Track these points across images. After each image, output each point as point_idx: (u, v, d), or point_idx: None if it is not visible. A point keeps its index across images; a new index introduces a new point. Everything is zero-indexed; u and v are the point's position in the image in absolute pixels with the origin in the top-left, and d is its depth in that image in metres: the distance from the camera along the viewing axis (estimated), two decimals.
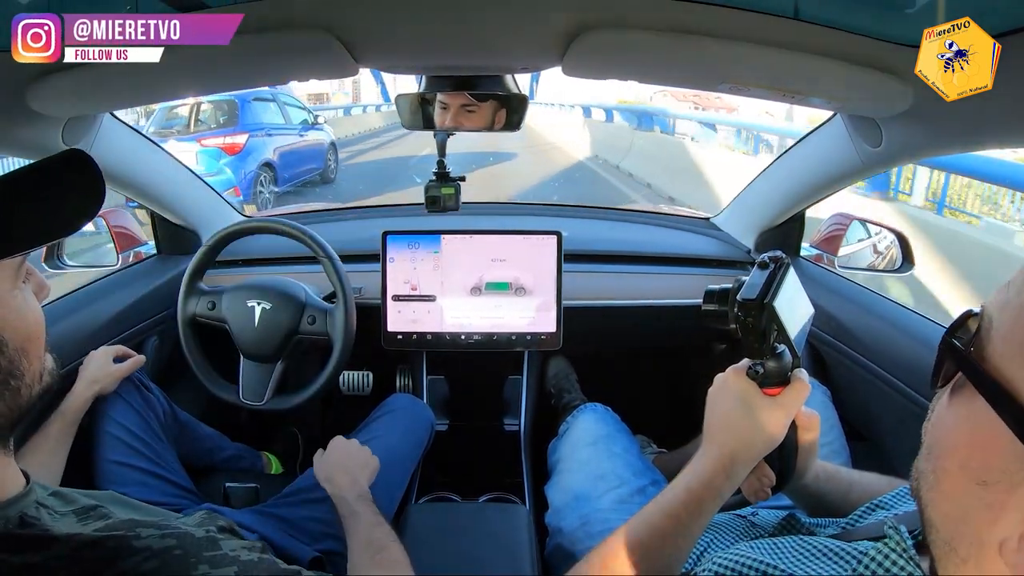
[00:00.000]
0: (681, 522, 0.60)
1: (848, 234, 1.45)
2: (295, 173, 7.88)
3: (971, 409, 0.38)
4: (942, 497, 0.40)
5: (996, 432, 0.35)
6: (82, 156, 0.52)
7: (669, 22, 0.75)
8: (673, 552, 0.60)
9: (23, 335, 0.50)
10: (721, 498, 0.62)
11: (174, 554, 0.50)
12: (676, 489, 0.62)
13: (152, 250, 1.55)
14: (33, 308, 0.52)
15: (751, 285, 0.61)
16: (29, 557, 0.46)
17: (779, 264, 0.62)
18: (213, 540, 0.53)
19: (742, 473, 0.63)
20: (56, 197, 0.51)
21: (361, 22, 0.78)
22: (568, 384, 1.66)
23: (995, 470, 0.36)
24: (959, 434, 0.39)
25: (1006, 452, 0.35)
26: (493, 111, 1.16)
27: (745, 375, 0.63)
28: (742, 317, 0.60)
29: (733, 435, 0.63)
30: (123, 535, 0.50)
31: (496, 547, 1.05)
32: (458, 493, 1.25)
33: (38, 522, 0.49)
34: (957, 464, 0.39)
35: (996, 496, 0.36)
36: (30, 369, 0.50)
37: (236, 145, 6.75)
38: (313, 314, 1.26)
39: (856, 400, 1.26)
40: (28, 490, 0.51)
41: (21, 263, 0.50)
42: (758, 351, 0.61)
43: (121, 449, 1.07)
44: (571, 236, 1.39)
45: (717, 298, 0.65)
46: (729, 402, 0.64)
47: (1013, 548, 0.35)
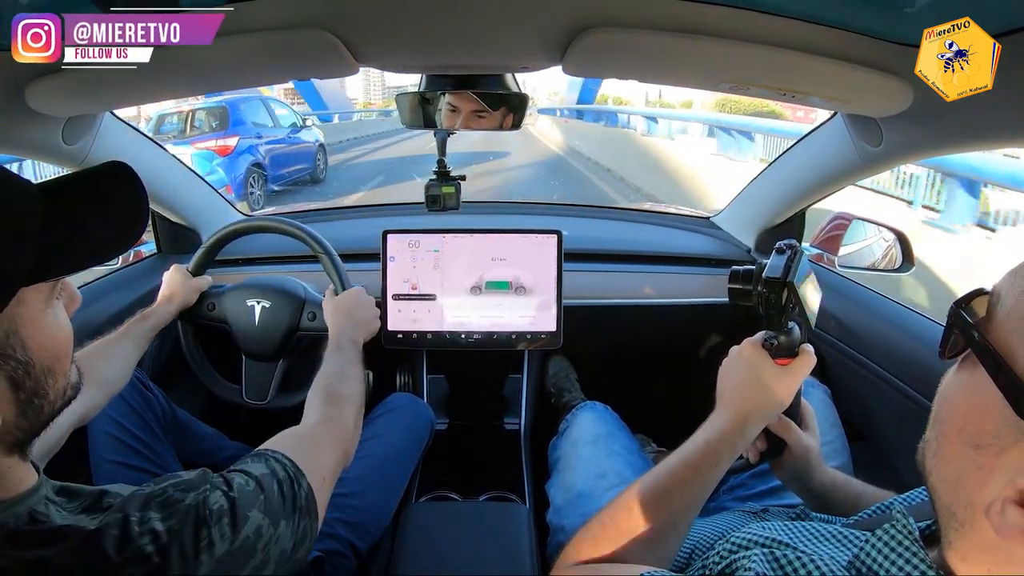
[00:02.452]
0: (700, 472, 0.66)
1: (848, 233, 1.45)
2: (285, 173, 8.32)
3: (973, 377, 0.41)
4: (942, 462, 0.43)
5: (992, 398, 0.39)
6: (127, 172, 0.52)
7: (670, 21, 0.75)
8: (690, 500, 0.66)
9: (52, 355, 0.49)
10: (734, 453, 0.69)
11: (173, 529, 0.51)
12: (696, 442, 0.68)
13: (152, 249, 1.55)
14: (64, 325, 0.51)
15: (774, 266, 0.68)
16: (40, 552, 0.47)
17: (794, 250, 0.70)
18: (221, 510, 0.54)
19: (754, 432, 0.70)
20: (101, 217, 0.50)
21: (361, 21, 0.78)
22: (568, 383, 1.66)
23: (988, 434, 0.39)
24: (960, 401, 0.43)
25: (999, 417, 0.38)
26: (502, 117, 1.16)
27: (760, 346, 0.71)
28: (766, 293, 0.68)
29: (748, 398, 0.70)
30: (126, 518, 0.50)
31: (496, 546, 1.06)
32: (458, 492, 1.25)
33: (47, 518, 0.49)
34: (956, 429, 0.42)
35: (986, 459, 0.39)
36: (55, 387, 0.50)
37: (227, 147, 7.17)
38: (313, 310, 1.26)
39: (857, 399, 1.26)
40: (38, 486, 0.51)
41: (55, 284, 0.50)
42: (777, 324, 0.69)
43: (119, 448, 1.07)
44: (571, 235, 1.39)
45: (742, 277, 0.72)
46: (744, 370, 0.71)
47: (997, 511, 0.38)
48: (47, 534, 0.48)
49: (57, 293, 0.50)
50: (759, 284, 0.69)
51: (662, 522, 0.64)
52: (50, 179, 0.51)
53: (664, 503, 0.64)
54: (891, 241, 1.40)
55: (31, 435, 0.50)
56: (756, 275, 0.70)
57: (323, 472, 0.70)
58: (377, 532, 1.09)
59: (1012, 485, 0.37)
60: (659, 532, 0.63)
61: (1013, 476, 0.37)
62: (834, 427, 1.10)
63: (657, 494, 0.65)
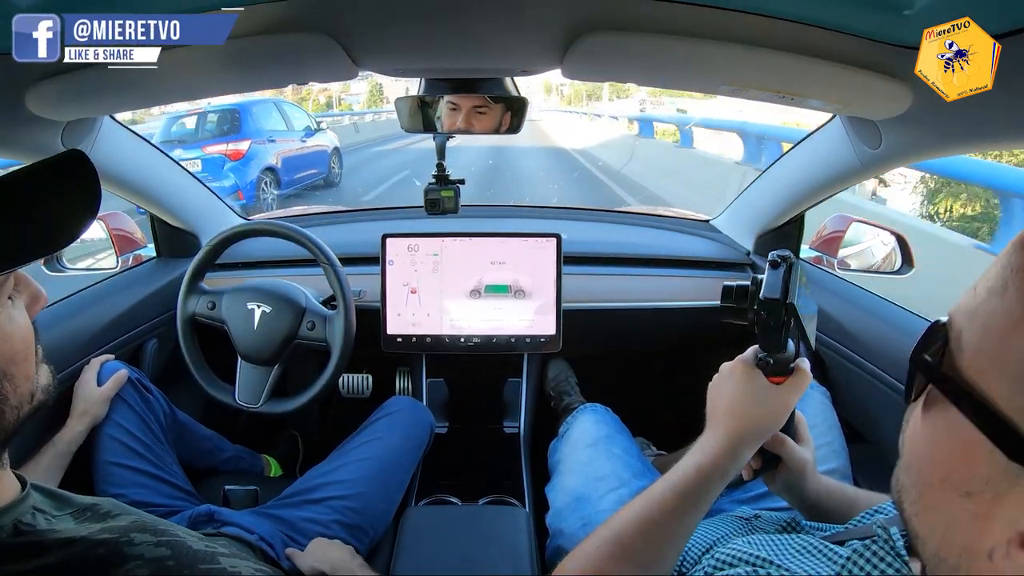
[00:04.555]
0: (689, 500, 0.63)
1: (847, 236, 1.45)
2: (298, 177, 8.13)
3: (947, 421, 0.37)
4: (926, 510, 0.40)
5: (975, 443, 0.35)
6: (78, 157, 0.49)
7: (669, 25, 0.75)
8: (679, 529, 0.63)
9: (6, 358, 0.46)
10: (726, 478, 0.65)
11: (166, 564, 0.48)
12: (686, 468, 0.64)
13: (151, 253, 1.55)
14: (20, 326, 0.48)
15: (771, 285, 0.64)
16: (21, 565, 0.45)
17: (789, 263, 0.65)
18: (211, 554, 0.51)
19: (747, 456, 0.66)
20: (49, 206, 0.47)
21: (360, 25, 0.78)
22: (568, 386, 1.65)
23: (978, 480, 0.36)
24: (938, 447, 0.39)
25: (987, 462, 0.35)
26: (501, 113, 1.16)
27: (753, 365, 0.67)
28: (764, 315, 0.63)
29: (741, 419, 0.66)
30: (116, 540, 0.48)
31: (496, 549, 1.05)
32: (458, 496, 1.24)
33: (33, 529, 0.48)
34: (939, 477, 0.38)
35: (981, 506, 0.36)
36: (16, 392, 0.47)
37: (239, 151, 7.04)
38: (313, 320, 1.26)
39: (856, 402, 1.26)
40: (24, 496, 0.50)
41: (5, 280, 0.47)
42: (775, 345, 0.65)
43: (120, 450, 1.07)
44: (570, 239, 1.39)
45: (736, 296, 0.67)
46: (737, 389, 0.67)
47: (1003, 555, 0.35)
48: (30, 546, 0.46)
49: (8, 291, 0.47)
50: (755, 304, 0.64)
51: (650, 552, 0.62)
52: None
53: (653, 533, 0.62)
54: (890, 243, 1.41)
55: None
56: (752, 294, 0.65)
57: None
58: (376, 535, 1.09)
59: (1014, 528, 0.34)
60: (647, 562, 0.62)
61: (1015, 519, 0.34)
62: (833, 429, 1.10)
63: (645, 523, 0.63)
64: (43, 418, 1.05)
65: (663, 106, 17.02)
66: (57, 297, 1.22)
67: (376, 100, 22.03)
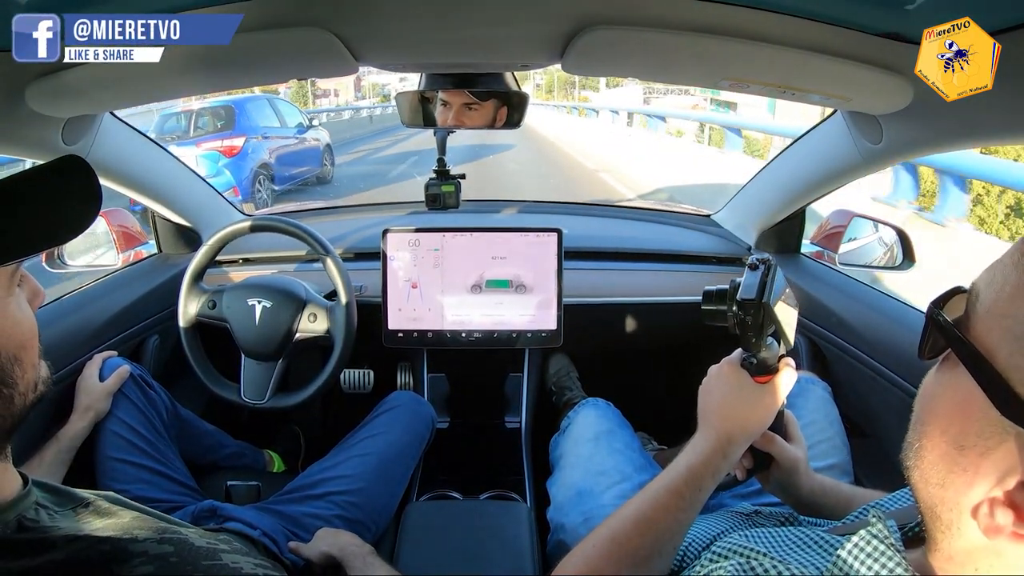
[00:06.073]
0: (683, 498, 0.65)
1: (849, 231, 1.45)
2: (292, 174, 8.22)
3: (954, 377, 0.41)
4: (925, 463, 0.43)
5: (974, 398, 0.38)
6: (79, 162, 0.51)
7: (670, 19, 0.74)
8: (674, 526, 0.65)
9: (17, 343, 0.49)
10: (718, 476, 0.67)
11: (169, 561, 0.49)
12: (678, 468, 0.67)
13: (152, 249, 1.55)
14: (27, 315, 0.51)
15: (748, 286, 0.66)
16: (27, 562, 0.46)
17: (768, 265, 0.67)
18: (214, 551, 0.52)
19: (737, 454, 0.69)
20: (52, 203, 0.50)
21: (360, 20, 0.78)
22: (569, 381, 1.66)
23: (971, 434, 0.39)
24: (942, 401, 0.42)
25: (982, 417, 0.38)
26: (494, 109, 1.16)
27: (739, 366, 0.70)
28: (741, 315, 0.65)
29: (729, 419, 0.68)
30: (120, 537, 0.49)
31: (497, 544, 1.06)
32: (459, 491, 1.25)
33: (37, 524, 0.48)
34: (939, 430, 0.42)
35: (971, 460, 0.39)
36: (24, 378, 0.49)
37: (234, 148, 7.09)
38: (314, 312, 1.26)
39: (857, 396, 1.26)
40: (27, 491, 0.50)
41: (15, 270, 0.49)
42: (755, 345, 0.67)
43: (123, 446, 1.08)
44: (571, 233, 1.39)
45: (715, 298, 0.69)
46: (725, 390, 0.70)
47: (986, 512, 0.38)
48: (35, 543, 0.47)
49: (17, 281, 0.50)
50: (733, 304, 0.66)
51: (647, 550, 0.64)
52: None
53: (649, 531, 0.64)
54: (891, 238, 1.41)
55: (4, 430, 0.49)
56: (730, 294, 0.67)
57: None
58: (378, 530, 1.09)
59: (999, 486, 0.37)
60: (644, 559, 0.63)
61: (1000, 477, 0.37)
62: (834, 424, 1.10)
63: (640, 523, 0.65)
64: (46, 414, 1.08)
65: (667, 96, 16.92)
66: (57, 295, 1.23)
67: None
